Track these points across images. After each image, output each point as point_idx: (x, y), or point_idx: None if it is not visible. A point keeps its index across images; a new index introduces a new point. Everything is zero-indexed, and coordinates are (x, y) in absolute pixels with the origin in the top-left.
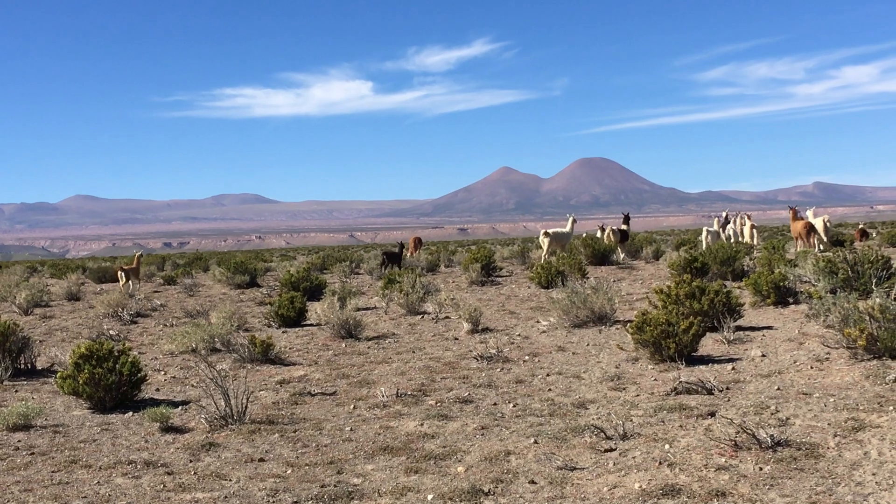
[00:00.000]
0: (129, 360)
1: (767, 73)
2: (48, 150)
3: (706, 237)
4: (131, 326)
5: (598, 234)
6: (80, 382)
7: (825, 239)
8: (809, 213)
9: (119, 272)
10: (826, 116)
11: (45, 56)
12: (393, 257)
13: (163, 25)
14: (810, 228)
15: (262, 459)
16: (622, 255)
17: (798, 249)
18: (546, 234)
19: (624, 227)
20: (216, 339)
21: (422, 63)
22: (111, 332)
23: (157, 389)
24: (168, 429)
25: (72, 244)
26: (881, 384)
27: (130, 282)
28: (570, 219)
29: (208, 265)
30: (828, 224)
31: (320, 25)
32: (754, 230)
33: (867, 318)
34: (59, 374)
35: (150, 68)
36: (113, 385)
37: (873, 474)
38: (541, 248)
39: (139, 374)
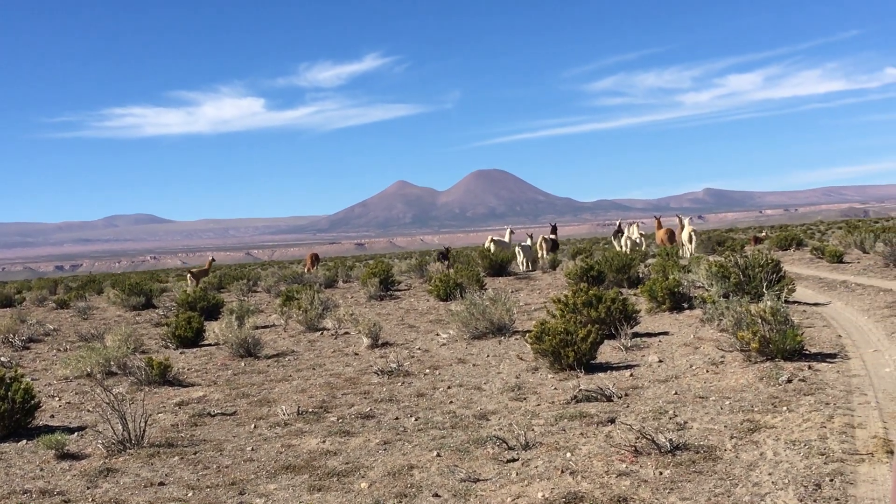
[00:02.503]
0: (22, 386)
1: (655, 82)
2: None
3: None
4: (23, 352)
5: (528, 243)
6: None
7: (691, 247)
8: (686, 221)
9: (188, 275)
10: (714, 124)
11: None
12: (444, 256)
13: (44, 44)
14: (670, 234)
15: (161, 483)
16: (546, 265)
17: (660, 251)
18: (492, 240)
19: (552, 236)
20: (112, 363)
21: (313, 79)
22: (2, 358)
23: (52, 416)
24: (64, 456)
25: None
26: (774, 385)
27: (199, 283)
28: (508, 230)
29: (102, 287)
30: (692, 234)
31: (209, 42)
32: (642, 237)
33: (759, 321)
34: None
35: (35, 89)
36: (5, 413)
37: (769, 474)
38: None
39: (33, 401)
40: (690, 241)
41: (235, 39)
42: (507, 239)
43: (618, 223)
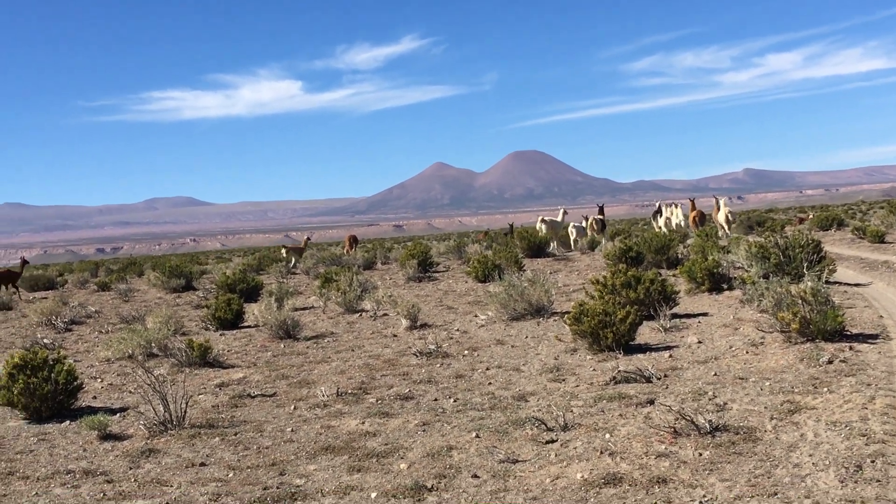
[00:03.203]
0: (65, 368)
1: (694, 62)
2: None
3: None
4: (66, 334)
5: (584, 224)
6: (15, 393)
7: (728, 229)
8: (722, 202)
9: (284, 250)
10: (753, 104)
11: None
12: (510, 232)
13: (85, 28)
14: (700, 217)
15: (203, 464)
16: (585, 246)
17: (694, 234)
18: (543, 220)
19: (601, 216)
20: (153, 344)
21: (351, 61)
22: (45, 340)
23: (95, 397)
24: (106, 436)
25: (2, 253)
26: (815, 366)
27: (294, 259)
28: (562, 210)
29: (143, 270)
30: (728, 215)
31: (247, 25)
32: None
33: (800, 301)
34: None
35: (75, 73)
36: (49, 394)
37: (810, 455)
38: (539, 232)
39: (75, 383)
40: (728, 223)
41: (273, 22)
42: (559, 219)
43: (657, 204)
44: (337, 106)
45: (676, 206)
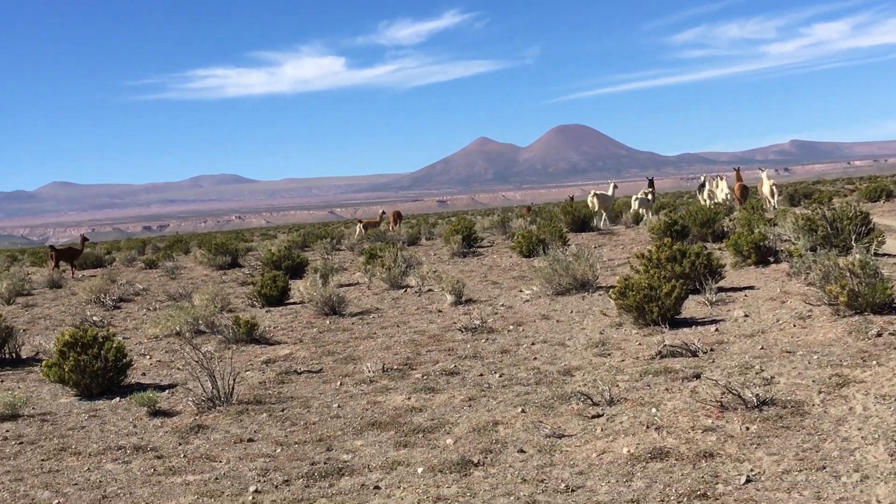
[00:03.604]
0: (114, 345)
1: (739, 33)
2: (23, 138)
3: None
4: (114, 312)
5: (641, 196)
6: (66, 370)
7: (774, 201)
8: (764, 175)
9: (359, 224)
10: (800, 74)
11: (13, 44)
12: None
13: (130, 7)
14: (742, 190)
15: (251, 440)
16: (649, 216)
17: (738, 207)
18: (595, 195)
19: (650, 189)
20: (200, 321)
21: (393, 37)
22: (95, 318)
23: (144, 374)
24: (156, 413)
25: (51, 231)
26: (864, 339)
27: (367, 233)
28: (612, 184)
29: (189, 247)
30: (773, 188)
31: (289, 2)
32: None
33: (848, 274)
34: (44, 362)
35: (120, 52)
36: (99, 371)
37: (859, 429)
38: (590, 207)
39: (124, 360)
40: (773, 195)
41: None
42: (610, 193)
43: (702, 177)
44: (380, 82)
45: (721, 179)
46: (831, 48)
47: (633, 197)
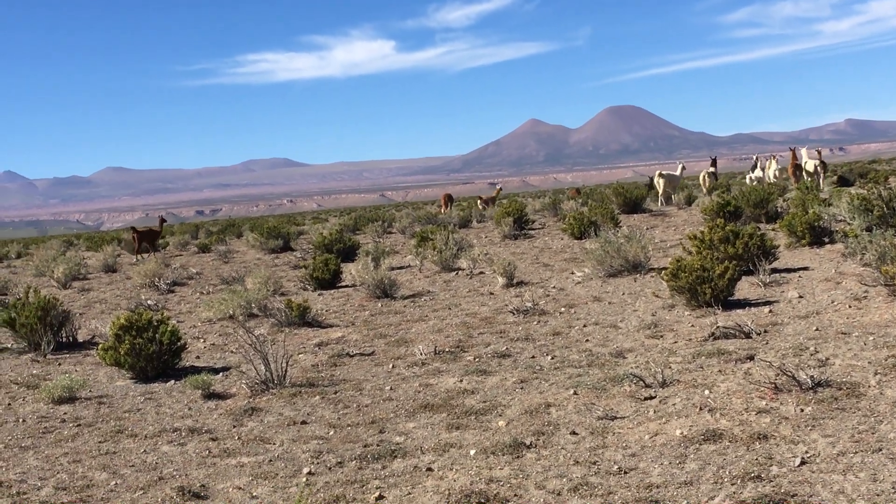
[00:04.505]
0: (169, 329)
1: (792, 11)
2: (77, 124)
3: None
4: (168, 296)
5: (708, 172)
6: (122, 353)
7: (819, 180)
8: (804, 153)
9: (479, 200)
10: (855, 52)
11: (68, 29)
12: (650, 186)
13: None
14: (796, 167)
15: (304, 422)
16: (682, 200)
17: (794, 186)
18: (661, 175)
19: (713, 169)
20: (253, 305)
21: (443, 19)
22: (149, 301)
23: (198, 357)
24: (210, 395)
25: (105, 216)
26: None
27: (486, 208)
28: (680, 166)
29: (241, 231)
30: (817, 167)
31: None
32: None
33: None
34: (100, 345)
35: (172, 37)
36: (153, 354)
37: None
38: (655, 188)
39: (179, 343)
40: (816, 174)
41: None
42: (678, 173)
43: (755, 158)
44: (430, 65)
45: (774, 159)
46: (887, 25)
47: (704, 172)
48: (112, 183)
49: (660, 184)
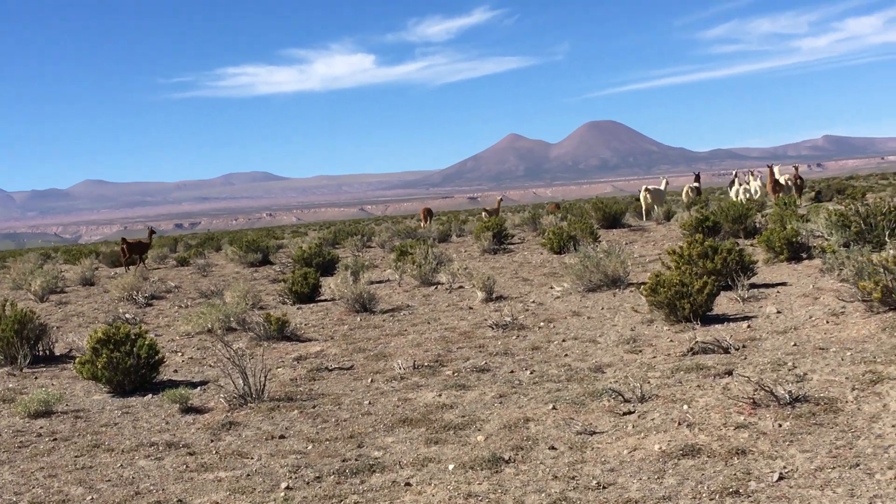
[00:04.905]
0: (146, 342)
1: (770, 28)
2: (56, 136)
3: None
4: (147, 309)
5: (691, 187)
6: (99, 367)
7: (794, 194)
8: (776, 169)
9: (483, 212)
10: (832, 69)
11: (48, 41)
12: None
13: (162, 5)
14: (775, 183)
15: (282, 436)
16: (661, 216)
17: (772, 202)
18: (647, 189)
19: (696, 184)
20: (231, 319)
21: (423, 34)
22: (127, 315)
23: (176, 371)
24: (188, 409)
25: (84, 229)
26: None
27: (489, 220)
28: (664, 180)
29: (220, 245)
30: (788, 182)
31: (320, 0)
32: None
33: (882, 270)
34: (77, 359)
35: (152, 50)
36: (131, 368)
37: (893, 426)
38: (639, 201)
39: (157, 357)
40: (786, 189)
41: None
42: (662, 188)
43: (734, 173)
44: (410, 79)
45: (752, 175)
46: (864, 43)
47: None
48: (91, 196)
49: (646, 199)
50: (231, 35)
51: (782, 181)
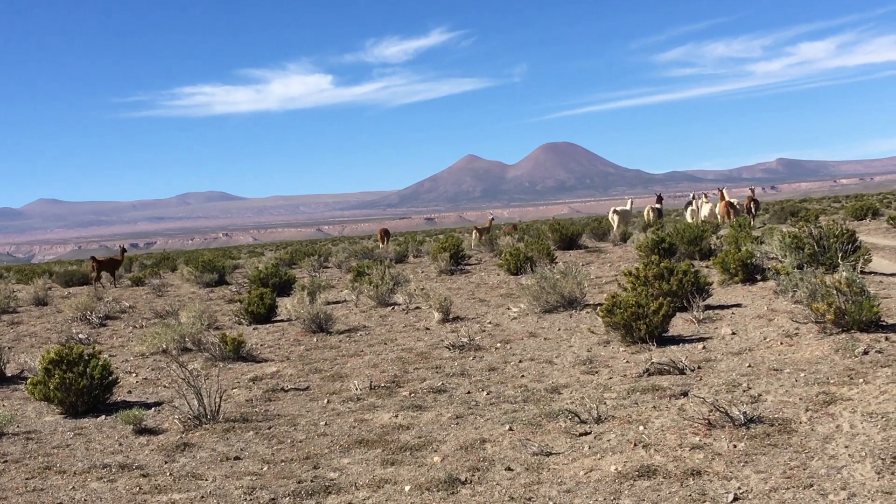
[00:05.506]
0: (100, 363)
1: (725, 52)
2: (9, 155)
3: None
4: (101, 329)
5: (653, 208)
6: (51, 388)
7: (744, 215)
8: (724, 192)
9: (475, 230)
10: (786, 93)
11: None
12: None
13: (117, 24)
14: (728, 205)
15: (237, 457)
16: (617, 237)
17: (728, 224)
18: (615, 211)
19: (658, 205)
20: (187, 339)
21: (380, 54)
22: (80, 335)
23: (130, 392)
24: (142, 431)
25: (37, 249)
26: (850, 357)
27: (481, 238)
28: (629, 200)
29: (176, 265)
30: (740, 204)
31: (276, 19)
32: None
33: (834, 292)
34: (29, 380)
35: (108, 68)
36: (84, 389)
37: (846, 447)
38: (610, 223)
39: (110, 377)
40: (736, 212)
41: (301, 16)
42: (628, 207)
43: (691, 195)
44: (367, 99)
45: (705, 197)
46: (817, 67)
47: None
48: (44, 215)
49: (614, 219)
50: (188, 54)
51: (735, 203)
